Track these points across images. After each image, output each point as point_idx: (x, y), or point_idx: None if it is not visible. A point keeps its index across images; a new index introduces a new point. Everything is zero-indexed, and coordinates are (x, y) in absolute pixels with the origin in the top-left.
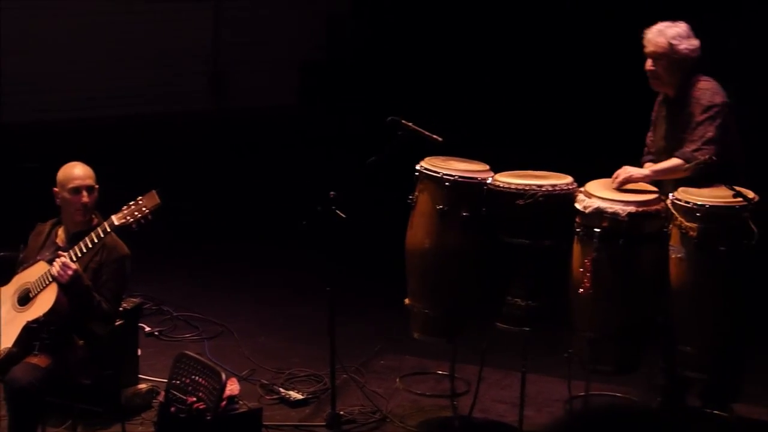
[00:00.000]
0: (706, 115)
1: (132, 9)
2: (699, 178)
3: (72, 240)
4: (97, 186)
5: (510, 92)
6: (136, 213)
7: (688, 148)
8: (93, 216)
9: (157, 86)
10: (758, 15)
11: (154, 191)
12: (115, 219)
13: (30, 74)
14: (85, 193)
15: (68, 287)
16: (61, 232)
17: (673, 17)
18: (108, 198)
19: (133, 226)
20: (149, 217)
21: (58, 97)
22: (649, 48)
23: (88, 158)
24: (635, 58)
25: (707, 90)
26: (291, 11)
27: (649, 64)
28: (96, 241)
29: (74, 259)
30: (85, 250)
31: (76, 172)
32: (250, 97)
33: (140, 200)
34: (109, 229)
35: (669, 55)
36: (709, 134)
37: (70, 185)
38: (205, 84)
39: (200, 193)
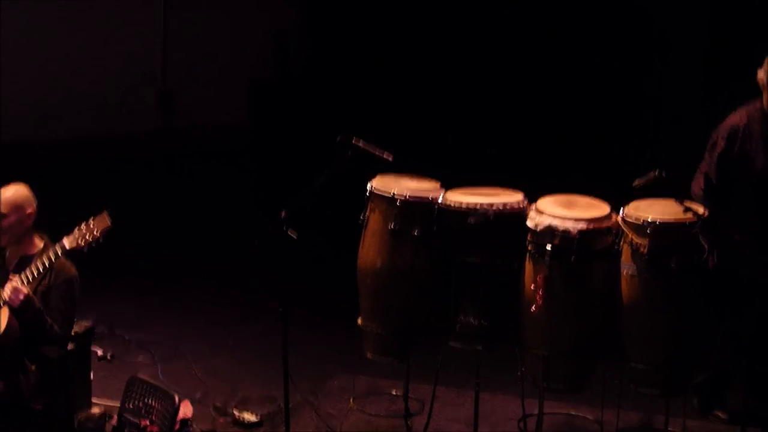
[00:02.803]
0: None
1: (77, 27)
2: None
3: (20, 264)
4: (31, 210)
5: (460, 109)
6: (87, 236)
7: None
8: (38, 238)
9: (104, 105)
10: None
11: (105, 213)
12: (67, 242)
13: None
14: None
15: (20, 311)
16: (9, 255)
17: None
18: (56, 218)
19: (85, 249)
20: (100, 239)
21: (3, 119)
22: None
23: (35, 179)
24: (582, 74)
25: None
26: (239, 28)
27: None
28: (47, 264)
29: (24, 282)
30: (36, 274)
31: (7, 195)
32: (198, 115)
33: (91, 222)
34: (60, 253)
35: None
36: None
37: None
38: (153, 102)
39: (150, 212)
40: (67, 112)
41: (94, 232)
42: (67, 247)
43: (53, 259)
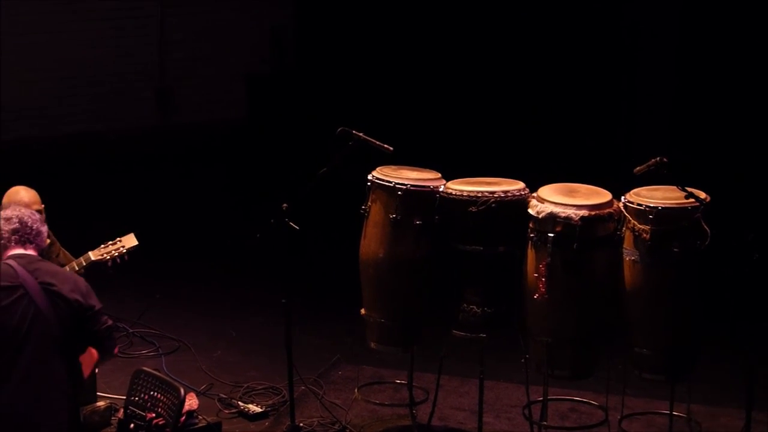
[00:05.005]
0: None
1: (75, 27)
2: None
3: None
4: (42, 206)
5: (459, 99)
6: (113, 252)
7: None
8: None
9: (103, 104)
10: None
11: (132, 234)
12: (92, 255)
13: None
14: None
15: None
16: None
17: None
18: (58, 218)
19: (109, 263)
20: (126, 257)
21: (3, 118)
22: None
23: (34, 179)
24: (584, 65)
25: None
26: (235, 24)
27: None
28: None
29: None
30: None
31: (22, 198)
32: (197, 112)
33: (119, 240)
34: (84, 263)
35: None
36: None
37: None
38: (152, 100)
39: (149, 208)
40: (65, 109)
41: (121, 249)
42: (92, 259)
43: (77, 269)
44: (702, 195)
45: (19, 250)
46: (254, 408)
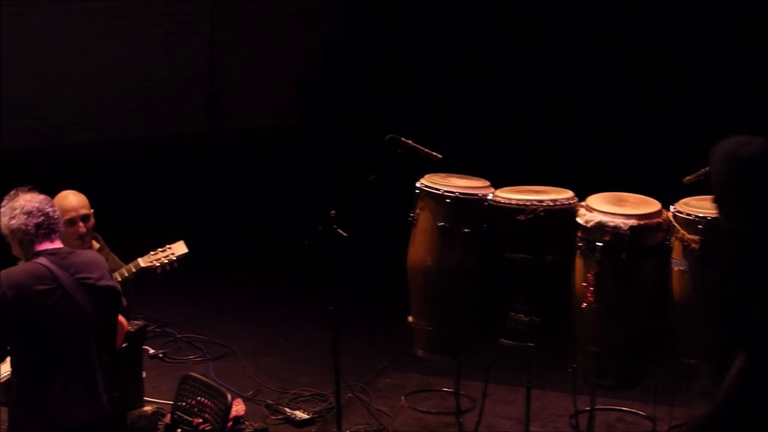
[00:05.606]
0: None
1: (125, 32)
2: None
3: None
4: (91, 211)
5: (509, 108)
6: (163, 259)
7: None
8: (93, 240)
9: (153, 109)
10: None
11: (182, 241)
12: (142, 261)
13: (24, 99)
14: (81, 224)
15: None
16: None
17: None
18: (107, 223)
19: (158, 270)
20: (175, 264)
21: (51, 122)
22: None
23: (83, 183)
24: (632, 72)
25: None
26: (286, 31)
27: None
28: (120, 280)
29: None
30: None
31: (70, 202)
32: (246, 118)
33: (168, 248)
34: (134, 270)
35: None
36: None
37: (66, 217)
38: (202, 106)
39: (198, 214)
40: (116, 114)
41: (171, 257)
42: (142, 265)
43: (127, 276)
44: None
45: (47, 245)
46: (301, 414)
